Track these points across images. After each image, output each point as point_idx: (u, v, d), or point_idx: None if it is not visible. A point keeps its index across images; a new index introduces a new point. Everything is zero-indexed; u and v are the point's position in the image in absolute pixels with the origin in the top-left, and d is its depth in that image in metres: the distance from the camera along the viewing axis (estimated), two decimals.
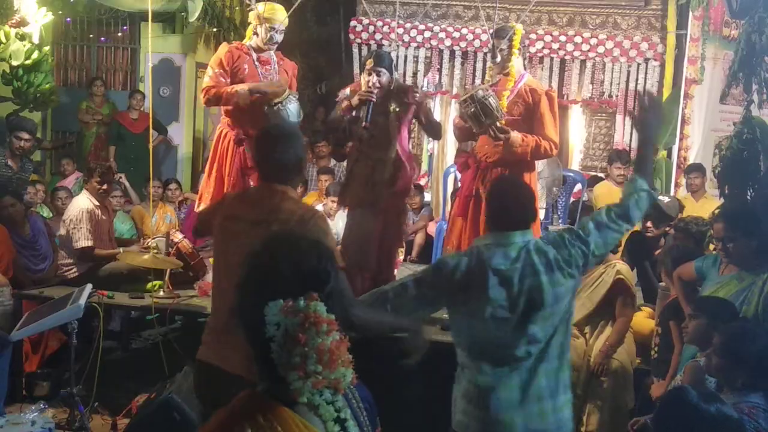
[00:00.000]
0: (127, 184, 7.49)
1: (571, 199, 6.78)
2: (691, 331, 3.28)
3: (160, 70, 8.56)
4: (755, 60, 4.02)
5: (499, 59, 4.53)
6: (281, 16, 4.85)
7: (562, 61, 7.92)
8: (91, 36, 9.12)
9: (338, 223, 6.26)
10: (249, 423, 1.35)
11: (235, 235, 2.83)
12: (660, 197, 5.75)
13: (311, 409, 1.42)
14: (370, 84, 4.58)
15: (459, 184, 5.39)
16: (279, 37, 4.90)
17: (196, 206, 5.38)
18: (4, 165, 5.97)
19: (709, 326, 3.15)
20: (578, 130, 8.14)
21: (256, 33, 4.87)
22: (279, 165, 2.84)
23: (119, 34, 9.10)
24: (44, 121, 8.68)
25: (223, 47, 4.93)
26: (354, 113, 4.69)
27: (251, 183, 4.91)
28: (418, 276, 2.70)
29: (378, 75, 4.59)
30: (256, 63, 4.86)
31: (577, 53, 7.81)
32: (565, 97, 7.89)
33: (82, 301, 4.27)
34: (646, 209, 2.85)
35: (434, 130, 5.03)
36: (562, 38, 7.81)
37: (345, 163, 7.84)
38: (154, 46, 8.60)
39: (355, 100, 4.63)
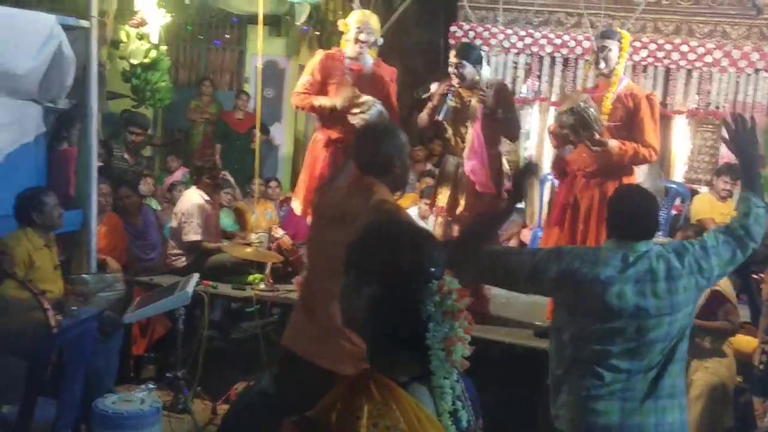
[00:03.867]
0: (231, 180, 7.77)
1: (673, 212, 6.60)
2: None
3: (264, 72, 8.79)
4: None
5: (603, 64, 4.48)
6: (365, 22, 4.87)
7: (667, 71, 7.73)
8: (201, 38, 9.51)
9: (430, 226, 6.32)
10: (366, 398, 1.39)
11: (319, 232, 2.95)
12: None
13: (431, 393, 1.48)
14: (454, 75, 4.63)
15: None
16: (365, 45, 4.89)
17: (292, 202, 5.55)
18: (121, 158, 6.35)
19: None
20: (683, 141, 7.91)
21: (347, 40, 4.92)
22: (376, 158, 2.89)
23: (227, 36, 9.45)
24: (155, 119, 9.11)
25: (318, 54, 5.04)
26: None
27: None
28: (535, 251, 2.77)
29: (459, 68, 4.62)
30: (347, 70, 4.89)
31: (683, 62, 7.60)
32: (669, 107, 7.70)
33: (190, 288, 4.49)
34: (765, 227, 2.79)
35: (510, 130, 4.85)
36: (668, 47, 7.62)
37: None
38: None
39: (436, 99, 4.70)
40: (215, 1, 7.43)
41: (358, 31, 4.83)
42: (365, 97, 4.71)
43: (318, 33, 9.00)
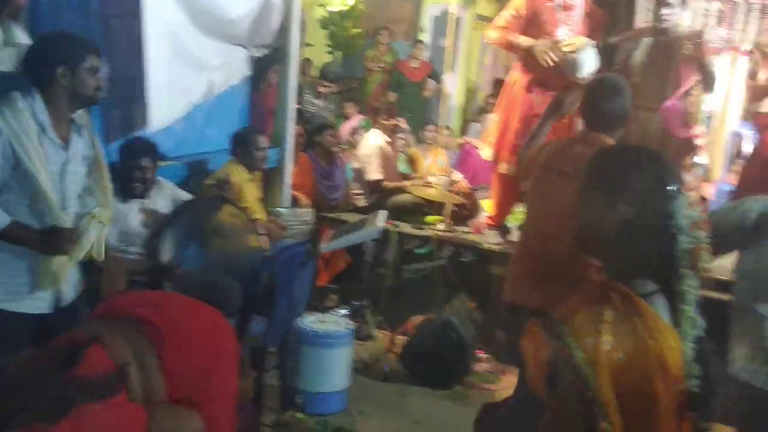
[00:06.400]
0: (405, 127, 8.01)
1: None
2: None
3: (440, 21, 8.92)
4: None
5: None
6: None
7: None
8: None
9: None
10: (608, 305, 1.52)
11: (550, 185, 2.99)
12: None
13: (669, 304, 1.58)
14: (662, 15, 4.56)
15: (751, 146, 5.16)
16: None
17: (480, 150, 5.65)
18: (311, 102, 6.74)
19: None
20: None
21: None
22: (605, 114, 2.96)
23: None
24: None
25: None
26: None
27: None
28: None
29: (665, 5, 4.55)
30: (557, 7, 4.75)
31: None
32: None
33: (380, 223, 4.77)
34: None
35: (706, 80, 4.85)
36: None
37: None
38: None
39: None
40: None
41: None
42: (578, 38, 4.62)
43: None
